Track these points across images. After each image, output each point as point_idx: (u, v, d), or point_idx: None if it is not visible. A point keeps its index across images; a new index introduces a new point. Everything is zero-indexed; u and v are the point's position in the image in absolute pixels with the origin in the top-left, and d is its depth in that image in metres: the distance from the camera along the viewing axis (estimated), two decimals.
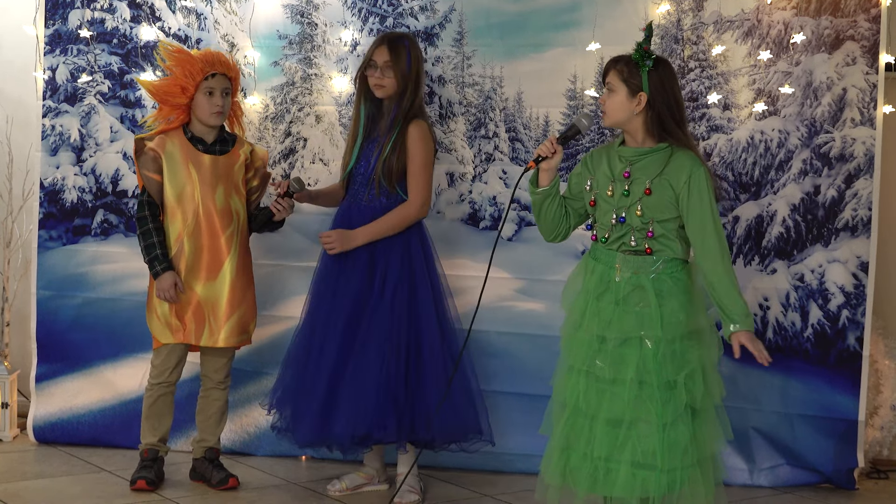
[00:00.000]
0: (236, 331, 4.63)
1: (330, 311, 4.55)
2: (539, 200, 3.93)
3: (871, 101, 4.87)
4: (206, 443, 4.70)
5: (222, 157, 4.64)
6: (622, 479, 3.72)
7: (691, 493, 3.76)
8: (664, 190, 3.78)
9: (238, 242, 4.63)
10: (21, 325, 5.44)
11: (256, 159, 4.72)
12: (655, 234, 3.79)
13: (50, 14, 5.23)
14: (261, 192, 4.75)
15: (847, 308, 4.92)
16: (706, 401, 3.82)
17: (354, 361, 4.48)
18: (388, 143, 4.53)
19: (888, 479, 5.11)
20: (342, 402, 4.45)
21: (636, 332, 3.77)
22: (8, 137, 5.45)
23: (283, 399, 4.61)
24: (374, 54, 4.55)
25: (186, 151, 4.60)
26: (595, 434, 3.77)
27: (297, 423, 4.55)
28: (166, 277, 4.54)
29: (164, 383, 4.64)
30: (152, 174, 4.59)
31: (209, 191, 4.58)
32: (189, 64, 4.55)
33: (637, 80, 3.80)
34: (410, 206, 4.55)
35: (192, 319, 4.58)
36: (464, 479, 4.92)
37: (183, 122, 4.63)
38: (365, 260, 4.54)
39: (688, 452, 3.74)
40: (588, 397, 3.80)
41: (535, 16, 5.04)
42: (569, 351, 3.89)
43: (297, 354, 4.62)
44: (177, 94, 4.57)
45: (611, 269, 3.84)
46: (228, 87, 4.61)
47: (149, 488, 4.58)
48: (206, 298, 4.59)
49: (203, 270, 4.59)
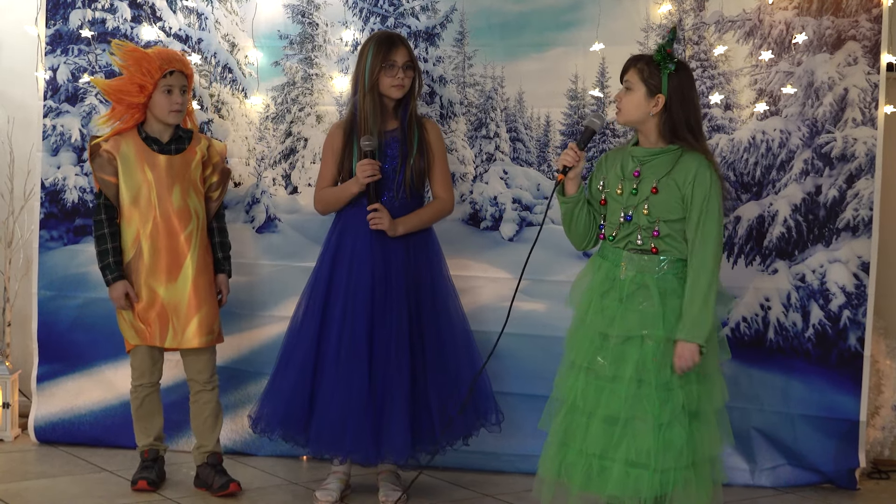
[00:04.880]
0: (202, 330, 4.58)
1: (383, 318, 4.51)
2: (570, 209, 3.91)
3: (872, 101, 4.87)
4: (205, 448, 4.67)
5: (178, 157, 4.59)
6: (615, 476, 3.72)
7: (684, 495, 3.75)
8: (671, 190, 3.79)
9: (198, 242, 4.59)
10: (22, 325, 5.43)
11: (214, 154, 4.68)
12: (661, 234, 3.79)
13: (51, 14, 5.23)
14: (221, 189, 4.70)
15: (848, 308, 4.91)
16: (705, 404, 3.81)
17: (431, 376, 4.53)
18: (413, 147, 4.53)
19: (889, 479, 5.10)
20: (402, 416, 4.45)
21: (638, 331, 3.77)
22: (9, 137, 5.45)
23: (293, 405, 4.56)
24: (395, 55, 4.49)
25: (141, 152, 4.55)
26: (591, 431, 3.77)
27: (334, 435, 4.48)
28: (118, 287, 4.54)
29: (146, 384, 4.64)
30: (108, 176, 4.55)
31: (165, 191, 4.54)
32: (146, 62, 4.50)
33: (657, 82, 3.80)
34: (445, 203, 4.63)
35: (156, 321, 4.56)
36: (464, 479, 4.92)
37: (138, 121, 4.58)
38: (402, 266, 4.53)
39: (682, 454, 3.73)
40: (587, 394, 3.81)
41: (537, 16, 5.04)
42: (571, 347, 3.90)
43: (337, 366, 4.50)
44: (134, 93, 4.52)
45: (616, 266, 3.84)
46: (185, 84, 4.57)
47: (150, 489, 4.58)
48: (169, 300, 4.56)
49: (163, 272, 4.55)
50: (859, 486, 4.94)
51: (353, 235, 4.55)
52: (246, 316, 5.17)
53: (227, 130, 5.22)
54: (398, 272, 4.53)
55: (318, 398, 4.50)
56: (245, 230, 5.21)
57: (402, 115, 4.56)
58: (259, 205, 5.21)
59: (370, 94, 4.51)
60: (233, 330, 5.12)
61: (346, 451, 4.53)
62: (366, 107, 4.51)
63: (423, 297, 4.56)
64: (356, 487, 4.71)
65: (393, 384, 4.45)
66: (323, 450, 4.60)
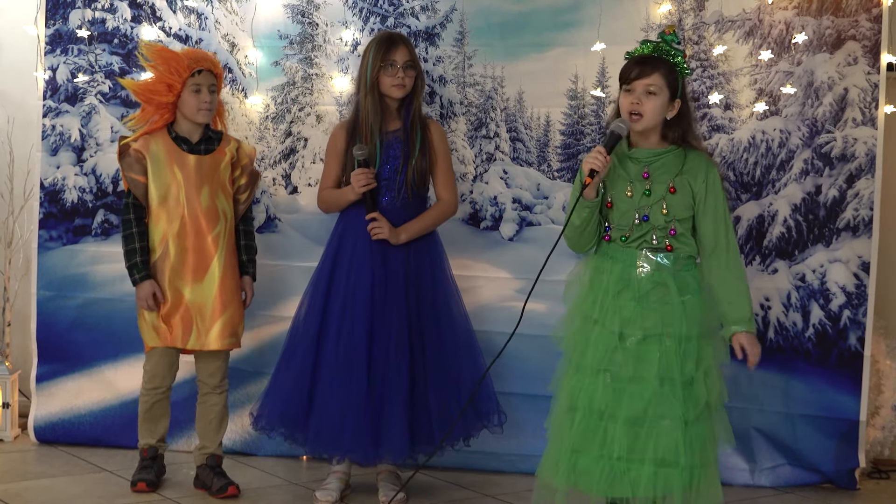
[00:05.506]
0: (226, 333, 4.57)
1: (382, 322, 4.51)
2: (591, 213, 3.85)
3: (872, 100, 4.87)
4: (206, 450, 4.66)
5: (207, 157, 4.58)
6: (645, 478, 3.69)
7: (706, 491, 3.74)
8: (685, 189, 3.80)
9: (225, 243, 4.57)
10: (22, 325, 5.43)
11: (243, 157, 4.67)
12: (677, 232, 3.80)
13: (51, 14, 5.23)
14: (250, 191, 4.69)
15: (848, 308, 4.91)
16: (718, 400, 3.82)
17: (432, 376, 4.52)
18: (415, 147, 4.53)
19: (889, 479, 5.10)
20: (400, 415, 4.45)
21: (657, 330, 3.76)
22: (9, 137, 5.45)
23: (294, 405, 4.55)
24: (394, 54, 4.50)
25: (171, 152, 4.55)
26: (612, 434, 3.73)
27: (334, 434, 4.49)
28: (145, 286, 4.51)
29: (158, 388, 4.61)
30: (137, 176, 4.54)
31: (194, 191, 4.53)
32: (175, 61, 4.49)
33: (676, 86, 3.80)
34: (448, 205, 4.63)
35: (179, 323, 4.54)
36: (464, 479, 4.91)
37: (167, 121, 4.57)
38: (402, 266, 4.53)
39: (705, 450, 3.74)
40: (605, 398, 3.76)
41: (536, 15, 5.04)
42: (579, 350, 3.85)
43: (334, 365, 4.51)
44: (163, 93, 4.51)
45: (631, 267, 3.83)
46: (214, 83, 4.56)
47: (149, 490, 4.57)
48: (194, 301, 4.54)
49: (189, 273, 4.53)
50: (859, 485, 4.94)
51: (354, 235, 4.55)
52: (246, 315, 5.15)
53: (227, 130, 5.21)
54: (398, 272, 4.52)
55: (316, 397, 4.50)
56: None
57: (405, 115, 4.56)
58: (259, 205, 5.20)
59: (371, 94, 4.51)
60: None
61: (344, 451, 4.53)
62: (367, 107, 4.52)
63: (424, 296, 4.56)
64: (356, 487, 4.70)
65: (392, 384, 4.45)
66: (321, 449, 4.59)
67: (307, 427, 4.52)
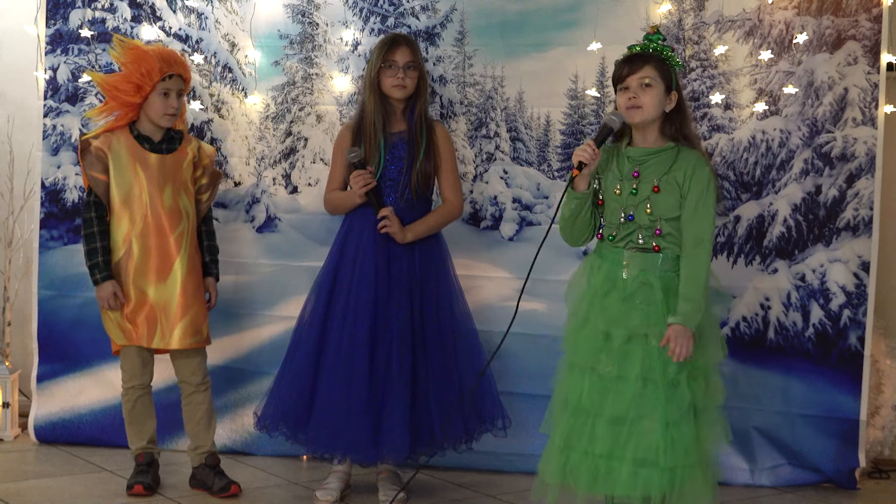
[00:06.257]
0: (189, 332, 4.54)
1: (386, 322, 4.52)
2: (579, 206, 3.87)
3: (872, 100, 4.87)
4: (202, 449, 4.65)
5: (169, 156, 4.56)
6: (624, 477, 3.71)
7: (691, 493, 3.75)
8: (672, 188, 3.79)
9: (188, 242, 4.56)
10: (22, 324, 5.44)
11: (204, 157, 4.65)
12: (663, 232, 3.79)
13: (51, 14, 5.23)
14: (211, 191, 4.67)
15: (848, 308, 4.91)
16: (707, 401, 3.81)
17: (433, 380, 4.52)
18: (420, 149, 4.53)
19: (889, 478, 5.10)
20: (401, 415, 4.45)
21: (642, 330, 3.76)
22: (9, 137, 5.45)
23: (297, 405, 4.55)
24: (395, 54, 4.50)
25: (133, 150, 4.52)
26: (597, 432, 3.76)
27: (333, 433, 4.49)
28: (106, 287, 4.50)
29: (137, 386, 4.60)
30: (98, 174, 4.51)
31: (157, 190, 4.51)
32: (146, 63, 4.45)
33: (670, 78, 3.81)
34: (454, 207, 4.63)
35: (144, 322, 4.53)
36: (464, 479, 4.91)
37: (131, 120, 4.55)
38: (406, 267, 4.53)
39: (689, 452, 3.73)
40: (591, 395, 3.79)
41: (536, 15, 5.04)
42: (572, 348, 3.89)
43: (336, 365, 4.51)
44: (130, 93, 4.48)
45: (618, 266, 3.83)
46: (182, 87, 4.54)
47: (146, 493, 4.55)
48: (158, 301, 4.52)
49: (153, 273, 4.52)
50: (859, 485, 4.94)
51: (358, 236, 4.55)
52: (246, 315, 5.17)
53: (227, 130, 5.22)
54: (401, 272, 4.53)
55: (318, 396, 4.50)
56: (245, 230, 5.21)
57: (410, 116, 4.56)
58: (259, 204, 5.21)
59: (373, 94, 4.53)
60: (233, 330, 5.13)
61: (344, 451, 4.53)
62: (369, 107, 4.53)
63: (427, 296, 4.56)
64: (356, 487, 4.71)
65: (393, 384, 4.45)
66: (322, 448, 4.59)
67: (308, 426, 4.52)
